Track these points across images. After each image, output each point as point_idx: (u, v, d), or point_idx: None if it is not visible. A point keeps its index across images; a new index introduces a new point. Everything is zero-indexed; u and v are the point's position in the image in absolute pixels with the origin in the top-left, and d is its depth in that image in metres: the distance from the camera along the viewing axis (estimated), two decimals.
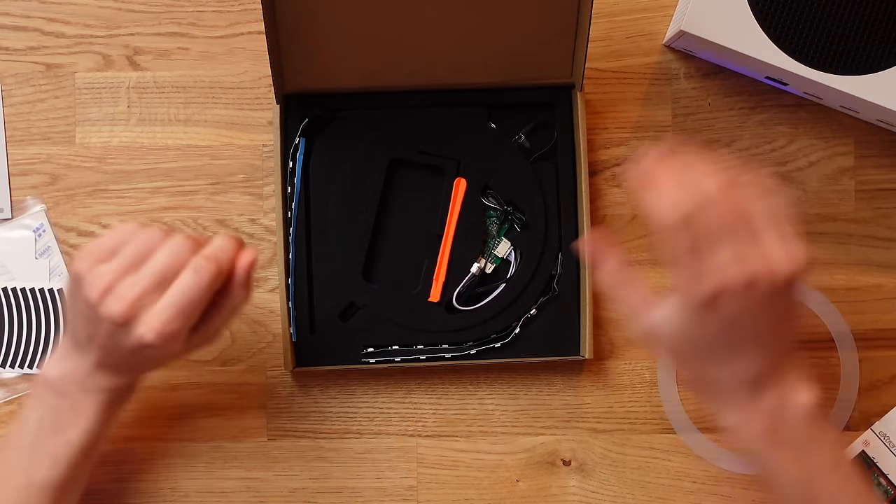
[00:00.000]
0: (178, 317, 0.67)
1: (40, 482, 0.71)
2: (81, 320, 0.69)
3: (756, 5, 0.80)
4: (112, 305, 0.66)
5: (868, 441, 0.88)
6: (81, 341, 0.70)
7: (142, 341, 0.66)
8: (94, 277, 0.67)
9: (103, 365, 0.71)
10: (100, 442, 0.74)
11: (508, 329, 0.86)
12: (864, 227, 0.89)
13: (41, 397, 0.73)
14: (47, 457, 0.72)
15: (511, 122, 0.87)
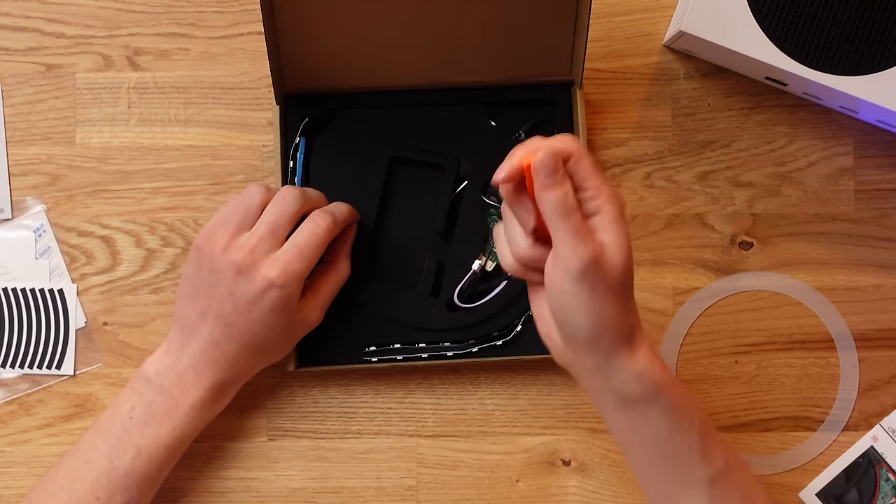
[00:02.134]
0: (299, 259, 0.73)
1: (122, 471, 0.73)
2: (195, 296, 0.73)
3: (756, 5, 0.80)
4: (233, 255, 0.72)
5: (877, 436, 0.88)
6: (190, 324, 0.73)
7: (266, 279, 0.71)
8: (212, 242, 0.73)
9: (210, 346, 0.73)
10: (186, 442, 0.76)
11: (510, 327, 0.86)
12: (864, 227, 0.89)
13: (137, 389, 0.75)
14: (133, 447, 0.73)
15: (511, 119, 0.87)
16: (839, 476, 0.88)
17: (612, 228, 0.65)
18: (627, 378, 0.66)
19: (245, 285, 0.71)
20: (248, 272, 0.72)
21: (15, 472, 0.87)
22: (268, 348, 0.76)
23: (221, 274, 0.71)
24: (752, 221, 0.89)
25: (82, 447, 0.74)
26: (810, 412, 0.89)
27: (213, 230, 0.74)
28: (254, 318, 0.73)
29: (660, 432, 0.67)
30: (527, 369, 0.88)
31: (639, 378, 0.66)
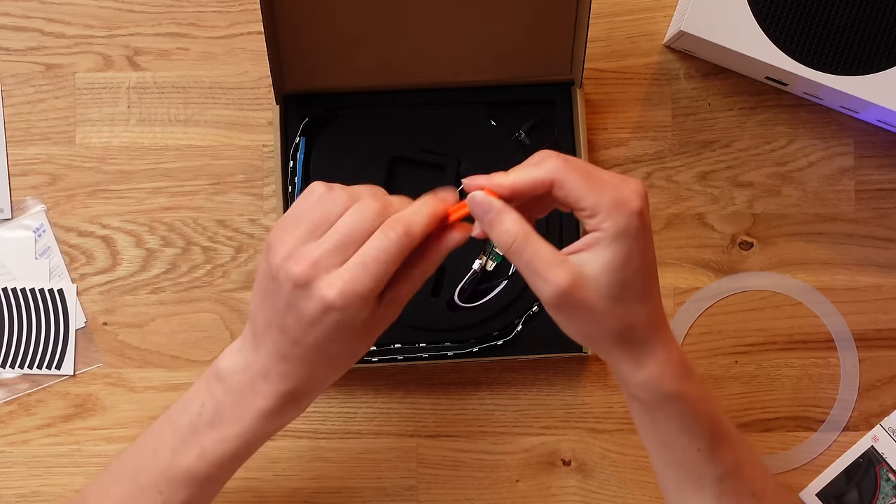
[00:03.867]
0: (363, 277, 0.63)
1: (184, 469, 0.69)
2: (262, 300, 0.66)
3: (756, 5, 0.80)
4: (292, 267, 0.63)
5: (877, 437, 0.88)
6: (260, 329, 0.67)
7: (324, 300, 0.63)
8: (278, 245, 0.65)
9: (278, 358, 0.67)
10: (253, 447, 0.71)
11: (510, 327, 0.86)
12: (864, 227, 0.89)
13: (209, 385, 0.70)
14: (197, 447, 0.69)
15: (511, 119, 0.87)
16: (839, 476, 0.88)
17: (608, 248, 0.62)
18: (634, 386, 0.66)
19: (304, 302, 0.64)
20: (307, 289, 0.63)
21: (15, 472, 0.87)
22: (340, 362, 0.70)
23: (280, 285, 0.64)
24: (752, 221, 0.89)
25: (153, 435, 0.71)
26: (810, 412, 0.89)
27: (284, 230, 0.66)
28: (318, 335, 0.65)
29: (670, 432, 0.67)
30: (527, 369, 0.88)
31: (643, 388, 0.66)
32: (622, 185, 0.62)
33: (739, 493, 0.69)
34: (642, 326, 0.65)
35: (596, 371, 0.89)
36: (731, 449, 0.68)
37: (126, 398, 0.88)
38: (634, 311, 0.64)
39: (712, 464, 0.68)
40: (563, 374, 0.88)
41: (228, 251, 0.88)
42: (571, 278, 0.62)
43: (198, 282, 0.88)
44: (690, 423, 0.67)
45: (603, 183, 0.62)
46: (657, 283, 0.66)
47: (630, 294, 0.64)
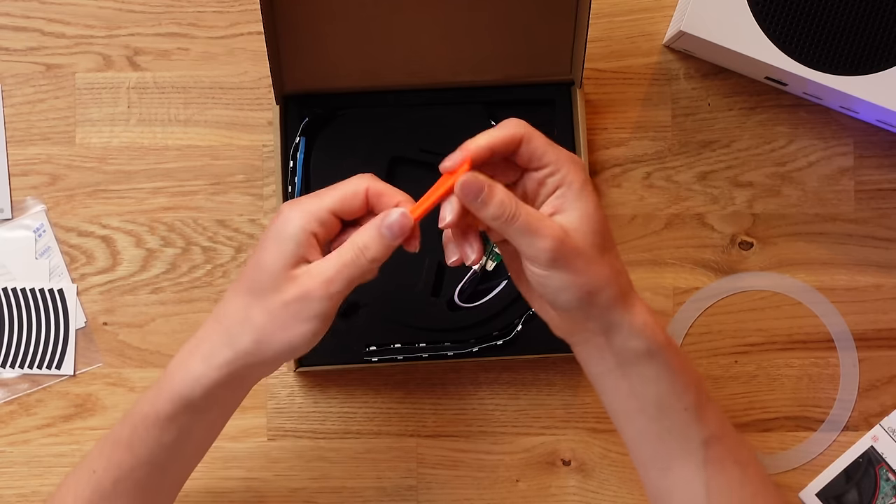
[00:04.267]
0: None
1: (174, 394, 0.67)
2: None
3: (756, 6, 0.80)
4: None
5: (877, 436, 0.88)
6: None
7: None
8: None
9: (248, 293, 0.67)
10: (246, 381, 0.69)
11: (510, 326, 0.86)
12: (864, 227, 0.89)
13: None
14: (185, 370, 0.67)
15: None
16: (839, 476, 0.88)
17: (577, 200, 0.65)
18: (627, 334, 0.67)
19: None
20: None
21: (15, 472, 0.87)
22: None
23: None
24: (752, 221, 0.89)
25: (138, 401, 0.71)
26: (810, 412, 0.89)
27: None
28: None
29: (659, 392, 0.68)
30: (527, 369, 0.88)
31: (639, 333, 0.66)
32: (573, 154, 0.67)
33: (724, 461, 0.69)
34: (624, 274, 0.67)
35: None
36: (714, 413, 0.69)
37: (126, 398, 0.88)
38: (615, 259, 0.67)
39: (698, 424, 0.68)
40: (563, 374, 0.89)
41: (228, 251, 0.88)
42: (564, 228, 0.65)
43: (198, 282, 0.88)
44: (675, 378, 0.68)
45: (556, 145, 0.66)
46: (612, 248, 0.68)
47: (607, 242, 0.66)
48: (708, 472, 0.69)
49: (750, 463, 0.71)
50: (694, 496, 0.69)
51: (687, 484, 0.69)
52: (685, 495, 0.69)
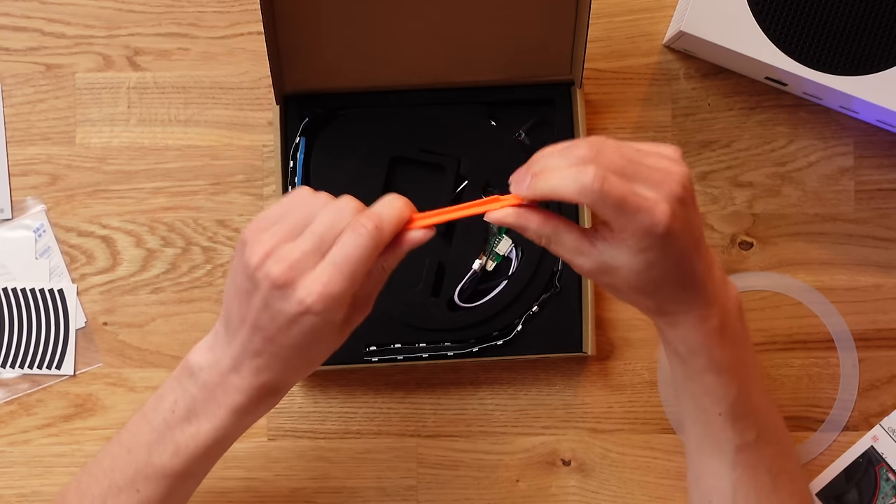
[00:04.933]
0: (339, 279, 0.62)
1: (159, 466, 0.69)
2: (237, 296, 0.65)
3: (756, 6, 0.80)
4: (271, 267, 0.62)
5: (877, 437, 0.88)
6: (234, 325, 0.66)
7: (302, 304, 0.62)
8: (255, 243, 0.63)
9: (251, 354, 0.66)
10: (228, 442, 0.71)
11: (510, 326, 0.86)
12: (864, 227, 0.89)
13: (182, 381, 0.69)
14: (172, 443, 0.69)
15: (511, 119, 0.87)
16: (839, 476, 0.88)
17: (629, 256, 0.63)
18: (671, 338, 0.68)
19: (281, 303, 0.63)
20: (285, 290, 0.62)
21: (15, 472, 0.87)
22: (314, 359, 0.69)
23: (258, 284, 0.63)
24: (752, 221, 0.89)
25: (127, 433, 0.71)
26: (810, 412, 0.89)
27: (261, 229, 0.65)
28: (294, 336, 0.64)
29: (695, 391, 0.69)
30: (527, 369, 0.88)
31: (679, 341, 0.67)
32: (654, 207, 0.61)
33: (756, 467, 0.70)
34: (675, 303, 0.66)
35: (596, 371, 0.89)
36: (754, 423, 0.69)
37: (126, 398, 0.88)
38: (667, 296, 0.66)
39: (731, 431, 0.69)
40: (563, 374, 0.89)
41: (228, 251, 0.88)
42: (592, 268, 0.64)
43: (198, 282, 0.88)
44: (715, 385, 0.68)
45: (635, 208, 0.61)
46: (699, 264, 0.65)
47: (660, 289, 0.65)
48: (737, 473, 0.70)
49: (783, 473, 0.71)
50: (721, 492, 0.71)
51: (716, 478, 0.71)
52: (713, 487, 0.71)
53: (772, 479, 0.70)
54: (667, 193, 0.61)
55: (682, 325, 0.67)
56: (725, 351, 0.67)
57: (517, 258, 0.86)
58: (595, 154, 0.61)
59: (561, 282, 0.86)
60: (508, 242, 0.86)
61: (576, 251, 0.64)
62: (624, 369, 0.89)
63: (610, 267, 0.64)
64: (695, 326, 0.66)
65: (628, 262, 0.63)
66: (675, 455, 0.88)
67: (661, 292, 0.65)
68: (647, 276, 0.64)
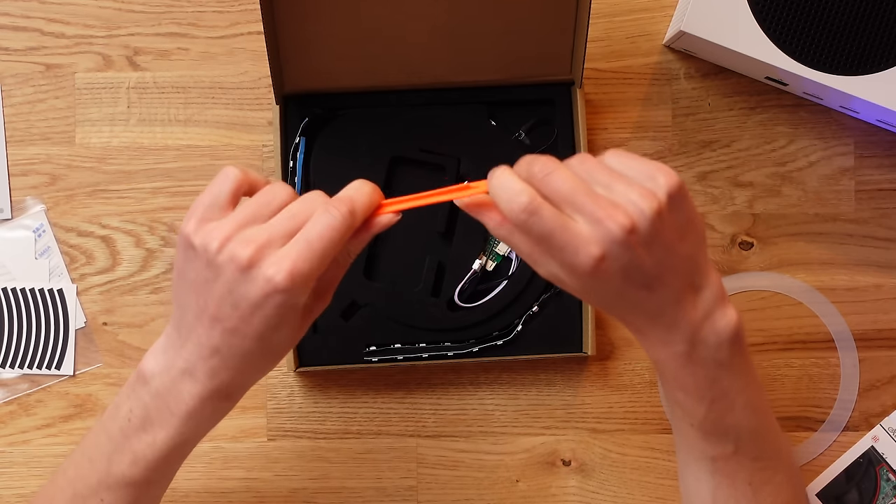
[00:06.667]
0: (311, 255, 0.60)
1: (119, 475, 0.67)
2: (192, 291, 0.63)
3: (756, 5, 0.80)
4: (236, 249, 0.60)
5: (877, 437, 0.88)
6: (188, 323, 0.64)
7: (270, 282, 0.60)
8: (208, 231, 0.62)
9: (207, 353, 0.64)
10: (189, 447, 0.69)
11: (510, 326, 0.86)
12: (864, 227, 0.89)
13: (136, 389, 0.67)
14: (130, 453, 0.67)
15: (511, 119, 0.87)
16: (839, 476, 0.88)
17: (574, 281, 0.63)
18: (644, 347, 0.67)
19: (246, 286, 0.60)
20: (250, 271, 0.60)
21: (15, 473, 0.87)
22: (274, 353, 0.66)
23: (220, 270, 0.61)
24: (752, 221, 0.89)
25: (88, 442, 0.71)
26: (810, 412, 0.89)
27: (205, 219, 0.63)
28: (256, 323, 0.62)
29: (671, 398, 0.68)
30: (527, 369, 0.88)
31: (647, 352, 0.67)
32: (580, 248, 0.59)
33: (734, 477, 0.69)
34: (634, 318, 0.65)
35: (596, 371, 0.89)
36: (732, 438, 0.68)
37: None
38: (621, 315, 0.65)
39: (704, 442, 0.68)
40: (563, 374, 0.89)
41: None
42: (548, 277, 0.63)
43: None
44: (683, 400, 0.67)
45: (559, 245, 0.60)
46: (654, 297, 0.62)
47: (612, 309, 0.65)
48: (716, 480, 0.69)
49: (767, 485, 0.70)
50: (702, 497, 0.70)
51: (697, 482, 0.70)
52: (696, 491, 0.71)
53: (753, 491, 0.69)
54: (602, 234, 0.59)
55: (645, 341, 0.66)
56: (693, 374, 0.65)
57: (517, 258, 0.86)
58: (546, 172, 0.60)
59: None
60: None
61: (529, 258, 0.63)
62: (624, 369, 0.89)
63: (560, 280, 0.63)
64: (657, 346, 0.65)
65: (571, 283, 0.62)
66: (675, 455, 0.88)
67: (614, 311, 0.65)
68: (592, 299, 0.64)
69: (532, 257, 0.63)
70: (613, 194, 0.60)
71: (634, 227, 0.59)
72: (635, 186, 0.60)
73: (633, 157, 0.62)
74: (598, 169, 0.61)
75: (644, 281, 0.61)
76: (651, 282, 0.61)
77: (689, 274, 0.63)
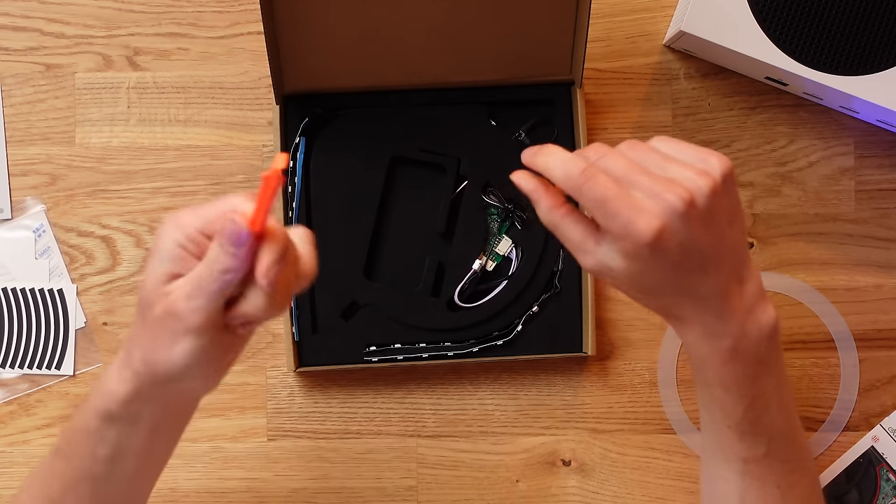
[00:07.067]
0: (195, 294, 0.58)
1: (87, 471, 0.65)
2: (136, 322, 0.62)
3: (756, 5, 0.80)
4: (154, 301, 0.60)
5: (877, 437, 0.88)
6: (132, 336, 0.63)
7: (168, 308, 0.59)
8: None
9: (130, 340, 0.62)
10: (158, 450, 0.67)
11: (511, 326, 0.86)
12: (864, 227, 0.89)
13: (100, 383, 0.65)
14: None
15: (511, 119, 0.87)
16: (839, 476, 0.88)
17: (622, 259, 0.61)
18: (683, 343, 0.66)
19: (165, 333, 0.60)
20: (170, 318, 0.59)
21: (15, 473, 0.87)
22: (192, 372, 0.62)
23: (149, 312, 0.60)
24: (752, 221, 0.89)
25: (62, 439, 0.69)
26: (810, 412, 0.89)
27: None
28: (165, 347, 0.60)
29: (708, 399, 0.67)
30: (527, 369, 0.88)
31: (687, 347, 0.66)
32: (638, 214, 0.59)
33: (764, 479, 0.68)
34: (682, 310, 0.64)
35: (596, 371, 0.89)
36: (765, 439, 0.67)
37: None
38: (671, 302, 0.64)
39: (739, 444, 0.67)
40: (563, 374, 0.88)
41: None
42: (593, 268, 0.63)
43: None
44: (722, 399, 0.66)
45: (615, 210, 0.59)
46: (709, 280, 0.62)
47: (662, 295, 0.63)
48: (745, 482, 0.68)
49: (795, 488, 0.69)
50: (729, 499, 0.69)
51: (726, 484, 0.69)
52: (723, 492, 0.70)
53: (781, 494, 0.69)
54: (662, 206, 0.59)
55: (691, 333, 0.65)
56: (735, 371, 0.65)
57: (517, 258, 0.86)
58: (600, 155, 0.61)
59: (561, 282, 0.86)
60: (508, 242, 0.86)
61: (579, 247, 0.63)
62: (624, 369, 0.89)
63: (609, 267, 0.62)
64: (702, 339, 0.64)
65: (623, 265, 0.61)
66: (675, 455, 0.88)
67: (663, 298, 0.64)
68: (644, 282, 0.62)
69: (582, 245, 0.62)
70: (669, 173, 0.60)
71: (694, 202, 0.59)
72: (689, 167, 0.60)
73: (682, 142, 0.63)
74: (649, 152, 0.62)
75: (700, 261, 0.61)
76: (705, 263, 0.61)
77: (737, 263, 0.63)
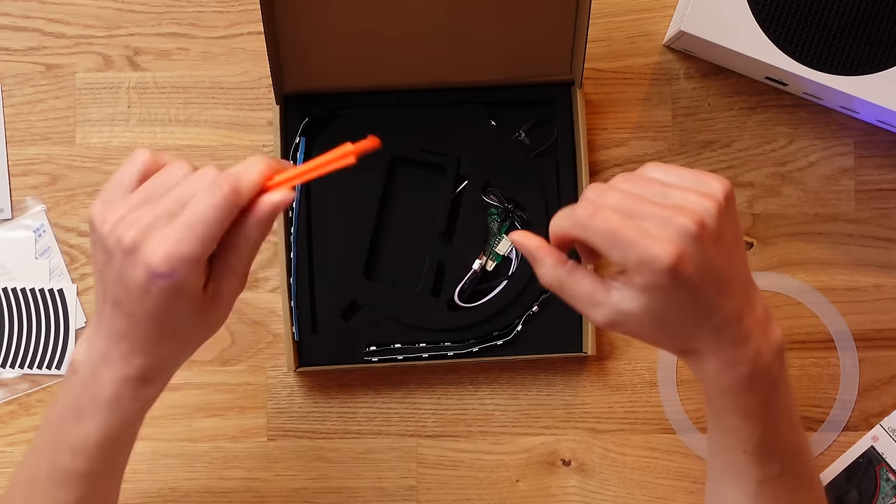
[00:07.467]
0: (188, 238, 0.58)
1: (62, 469, 0.65)
2: (97, 273, 0.62)
3: (756, 5, 0.80)
4: (121, 231, 0.59)
5: (877, 437, 0.88)
6: (99, 308, 0.63)
7: (148, 267, 0.58)
8: (107, 213, 0.60)
9: (115, 338, 0.62)
10: (125, 434, 0.67)
11: (511, 326, 0.86)
12: (864, 227, 0.89)
13: (68, 378, 0.65)
14: (68, 446, 0.65)
15: (511, 119, 0.87)
16: (839, 476, 0.88)
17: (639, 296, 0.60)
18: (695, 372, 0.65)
19: (132, 269, 0.59)
20: (134, 254, 0.58)
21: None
22: (184, 335, 0.64)
23: (111, 254, 0.59)
24: (752, 221, 0.89)
25: (37, 437, 0.69)
26: (810, 412, 0.89)
27: (109, 201, 0.61)
28: (149, 306, 0.60)
29: (722, 426, 0.67)
30: (527, 369, 0.88)
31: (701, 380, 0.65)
32: (653, 242, 0.58)
33: (778, 499, 0.68)
34: (701, 342, 0.63)
35: (596, 371, 0.89)
36: (779, 459, 0.67)
37: None
38: (690, 335, 0.63)
39: (756, 467, 0.66)
40: (563, 374, 0.89)
41: None
42: (608, 318, 0.62)
43: None
44: (740, 427, 0.65)
45: (629, 241, 0.58)
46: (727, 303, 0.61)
47: (681, 328, 0.62)
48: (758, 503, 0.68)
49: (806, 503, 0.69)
50: None
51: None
52: None
53: None
54: (675, 231, 0.58)
55: (709, 366, 0.63)
56: (754, 396, 0.64)
57: (517, 258, 0.86)
58: (599, 192, 0.61)
59: None
60: (508, 242, 0.86)
61: (590, 299, 0.62)
62: (624, 369, 0.89)
63: (625, 313, 0.61)
64: (722, 370, 0.63)
65: (641, 303, 0.60)
66: (675, 455, 0.89)
67: (682, 331, 0.62)
68: (664, 316, 0.61)
69: (593, 297, 0.62)
70: (672, 200, 0.60)
71: (704, 223, 0.58)
72: (691, 191, 0.60)
73: (676, 167, 0.62)
74: (647, 182, 0.61)
75: (717, 283, 0.60)
76: (722, 286, 0.60)
77: (746, 284, 0.63)
